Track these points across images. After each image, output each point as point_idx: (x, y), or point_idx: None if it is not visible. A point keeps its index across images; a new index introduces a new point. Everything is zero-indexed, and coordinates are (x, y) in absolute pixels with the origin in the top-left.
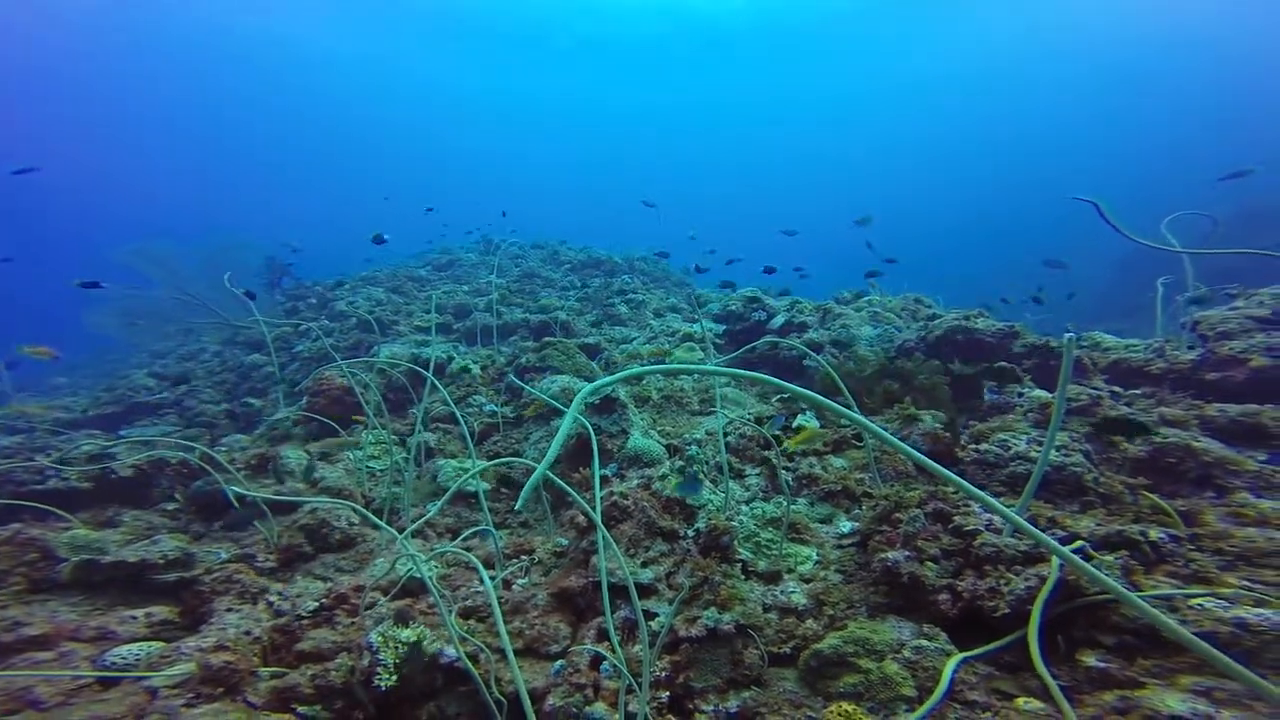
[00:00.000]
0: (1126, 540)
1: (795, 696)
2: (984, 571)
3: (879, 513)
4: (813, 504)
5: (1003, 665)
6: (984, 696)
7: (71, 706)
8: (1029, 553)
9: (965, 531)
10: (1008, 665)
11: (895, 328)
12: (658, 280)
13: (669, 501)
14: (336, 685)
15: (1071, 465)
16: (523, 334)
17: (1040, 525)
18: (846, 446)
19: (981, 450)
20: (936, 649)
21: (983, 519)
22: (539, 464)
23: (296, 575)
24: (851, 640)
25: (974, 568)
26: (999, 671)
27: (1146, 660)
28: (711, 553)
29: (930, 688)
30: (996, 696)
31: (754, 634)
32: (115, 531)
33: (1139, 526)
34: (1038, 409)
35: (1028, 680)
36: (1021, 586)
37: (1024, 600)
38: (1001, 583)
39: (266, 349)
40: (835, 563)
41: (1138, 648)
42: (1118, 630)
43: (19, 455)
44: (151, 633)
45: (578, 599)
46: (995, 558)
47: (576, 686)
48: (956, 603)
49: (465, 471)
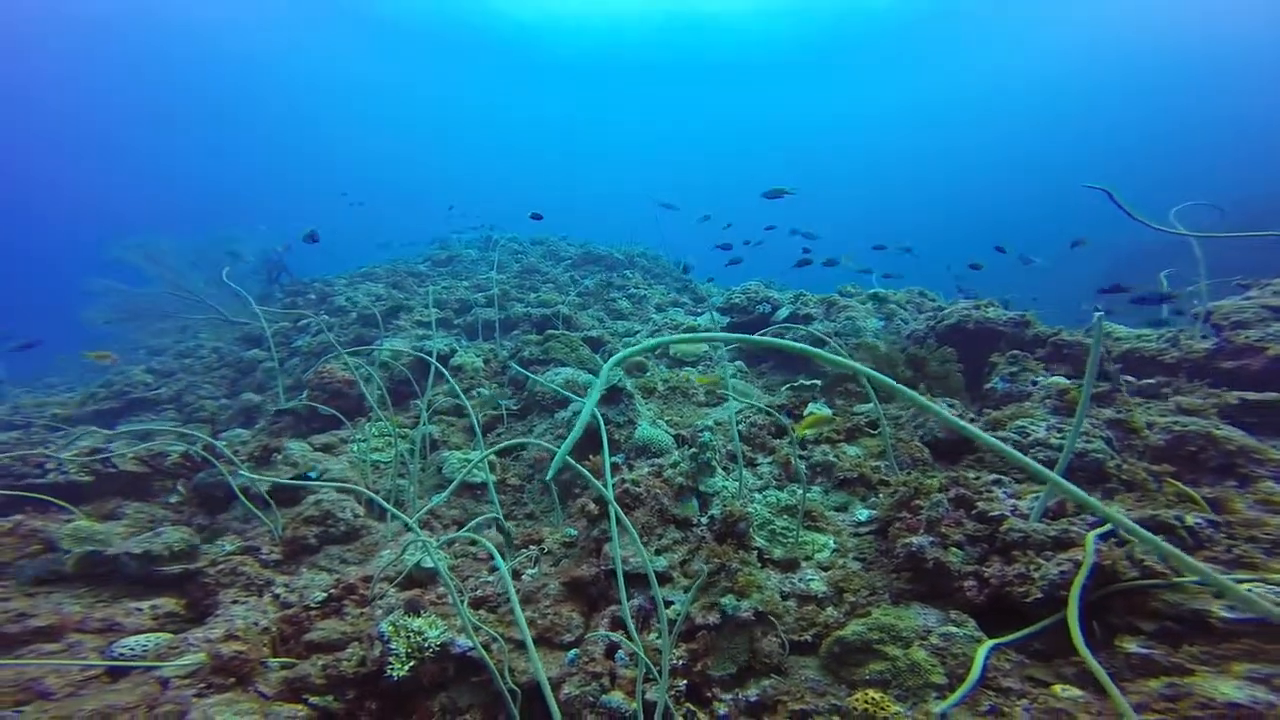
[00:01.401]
0: (1161, 525)
1: (818, 684)
2: (1012, 557)
3: (899, 499)
4: (827, 492)
5: (1033, 653)
6: (1019, 684)
7: (82, 697)
8: (1059, 538)
9: (990, 517)
10: (1039, 653)
11: (901, 319)
12: (658, 276)
13: (681, 489)
14: (348, 675)
15: (1094, 452)
16: (524, 328)
17: (1067, 511)
18: (860, 434)
19: (999, 437)
20: (965, 635)
21: (1007, 504)
22: (546, 453)
23: (301, 567)
24: (876, 627)
25: (1000, 553)
26: (1030, 659)
27: (1193, 647)
28: (727, 539)
29: (961, 675)
30: (1031, 684)
31: (774, 621)
32: (118, 524)
33: (1174, 511)
34: (1055, 395)
35: (1062, 667)
36: (1054, 572)
37: (1058, 585)
38: (1031, 568)
39: (266, 344)
40: (853, 550)
41: (1181, 634)
42: (1158, 616)
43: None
44: (157, 625)
45: (590, 588)
46: (1023, 543)
47: (593, 675)
48: (984, 589)
49: (470, 462)
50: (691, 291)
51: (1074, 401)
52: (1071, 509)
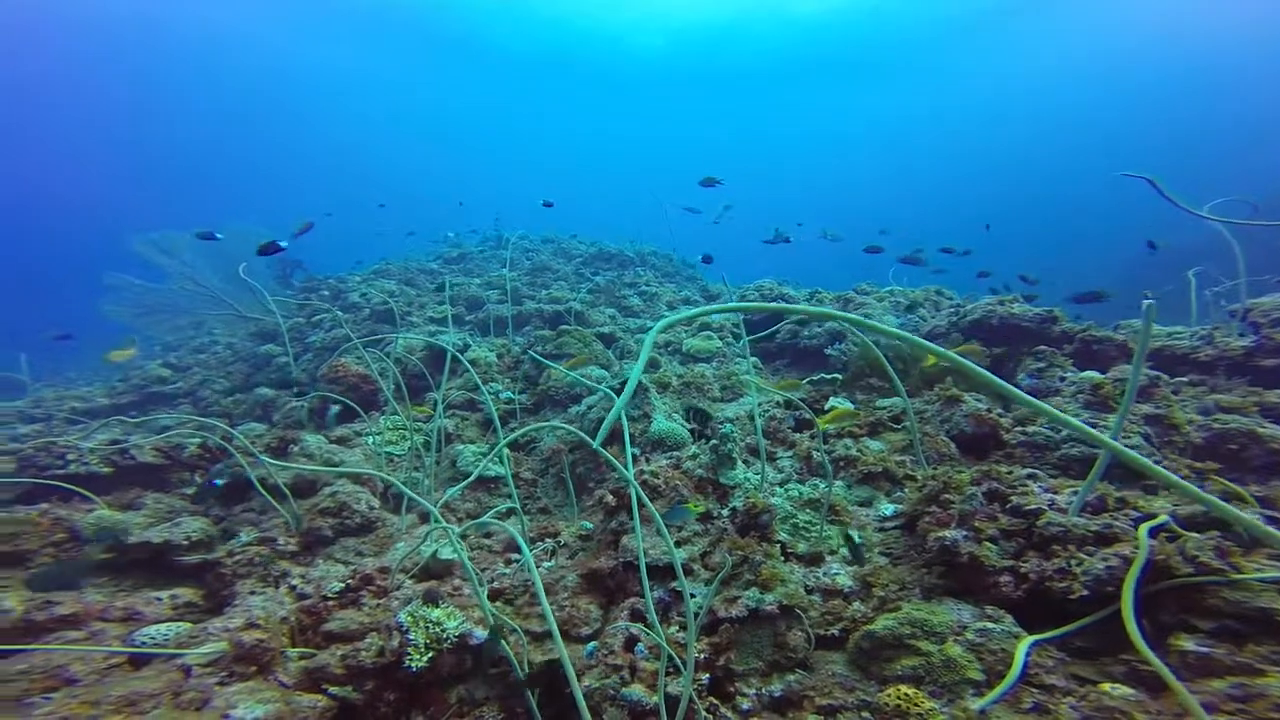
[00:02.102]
0: (1216, 520)
1: (846, 680)
2: (1051, 552)
3: (927, 493)
4: (850, 486)
5: (1075, 650)
6: (1063, 681)
7: (107, 684)
8: (1101, 533)
9: (1026, 511)
10: (1082, 650)
11: (919, 317)
12: (668, 275)
13: (701, 481)
14: (367, 665)
15: (1132, 447)
16: (536, 324)
17: (1109, 506)
18: (883, 429)
19: (1029, 433)
20: (1003, 631)
21: (1043, 498)
22: (563, 444)
23: (317, 559)
24: (908, 622)
25: (1038, 548)
26: (1073, 657)
27: (1259, 646)
28: (750, 532)
29: (1000, 672)
30: (1077, 682)
31: (800, 615)
32: (137, 514)
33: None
34: (1089, 390)
35: (1109, 666)
36: (1100, 567)
37: (1104, 581)
38: (1073, 563)
39: (281, 339)
40: (879, 545)
41: (1244, 633)
42: (1217, 614)
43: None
44: (176, 614)
45: (607, 580)
46: (1062, 538)
47: (613, 668)
48: (1020, 584)
49: (484, 456)
50: (704, 290)
51: (1109, 396)
52: (1112, 504)
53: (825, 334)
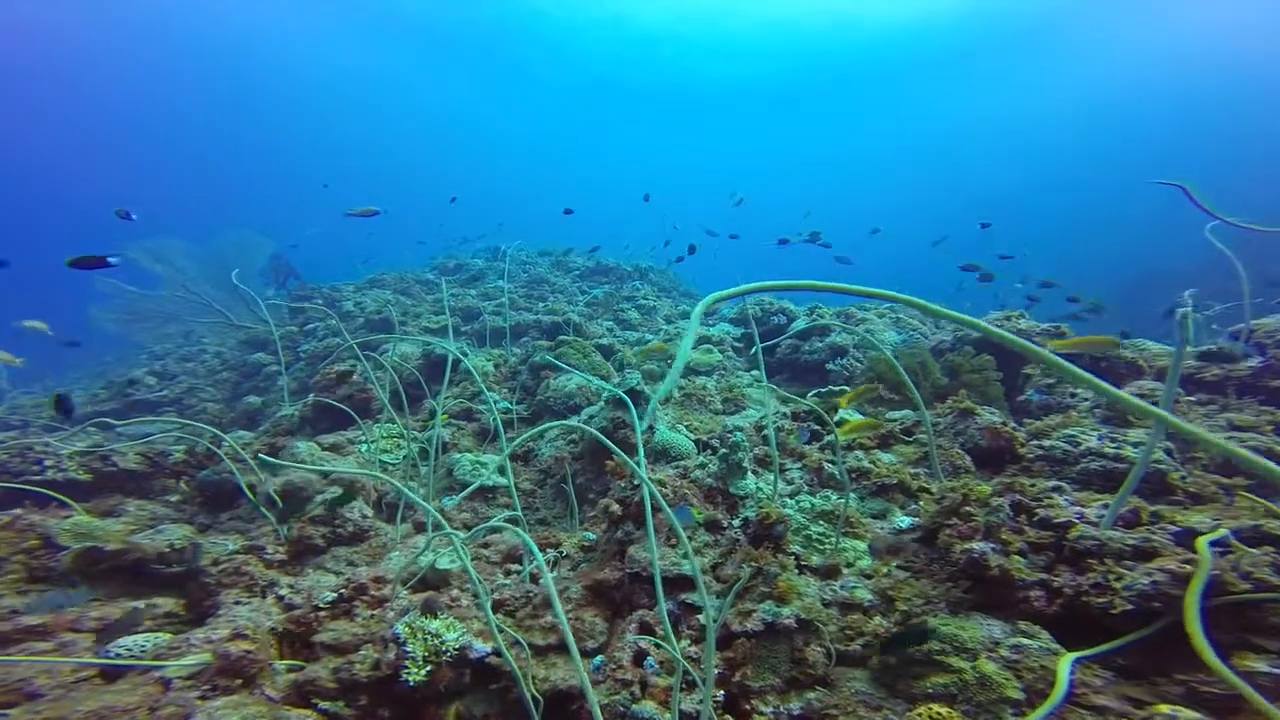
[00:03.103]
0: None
1: (870, 698)
2: (1085, 566)
3: (947, 505)
4: (863, 499)
5: (1119, 669)
6: (1115, 702)
7: (75, 698)
8: (1140, 547)
9: (1055, 524)
10: (1127, 670)
11: (920, 333)
12: (665, 290)
13: (711, 490)
14: (361, 679)
15: (1154, 461)
16: (534, 335)
17: (1143, 520)
18: (894, 442)
19: (1046, 446)
20: (1040, 648)
21: (1071, 511)
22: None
23: (307, 568)
24: (936, 637)
25: (1069, 562)
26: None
27: None
28: (763, 543)
29: (1040, 690)
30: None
31: (821, 629)
32: (118, 521)
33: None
34: (1106, 405)
35: (1163, 687)
36: (1145, 582)
37: (1150, 596)
38: (1111, 578)
39: (271, 348)
40: (897, 558)
41: None
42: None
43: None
44: (155, 625)
45: (613, 592)
46: (1097, 551)
47: (622, 683)
48: (1053, 599)
49: (481, 464)
50: None
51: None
52: (1146, 517)
53: (826, 349)
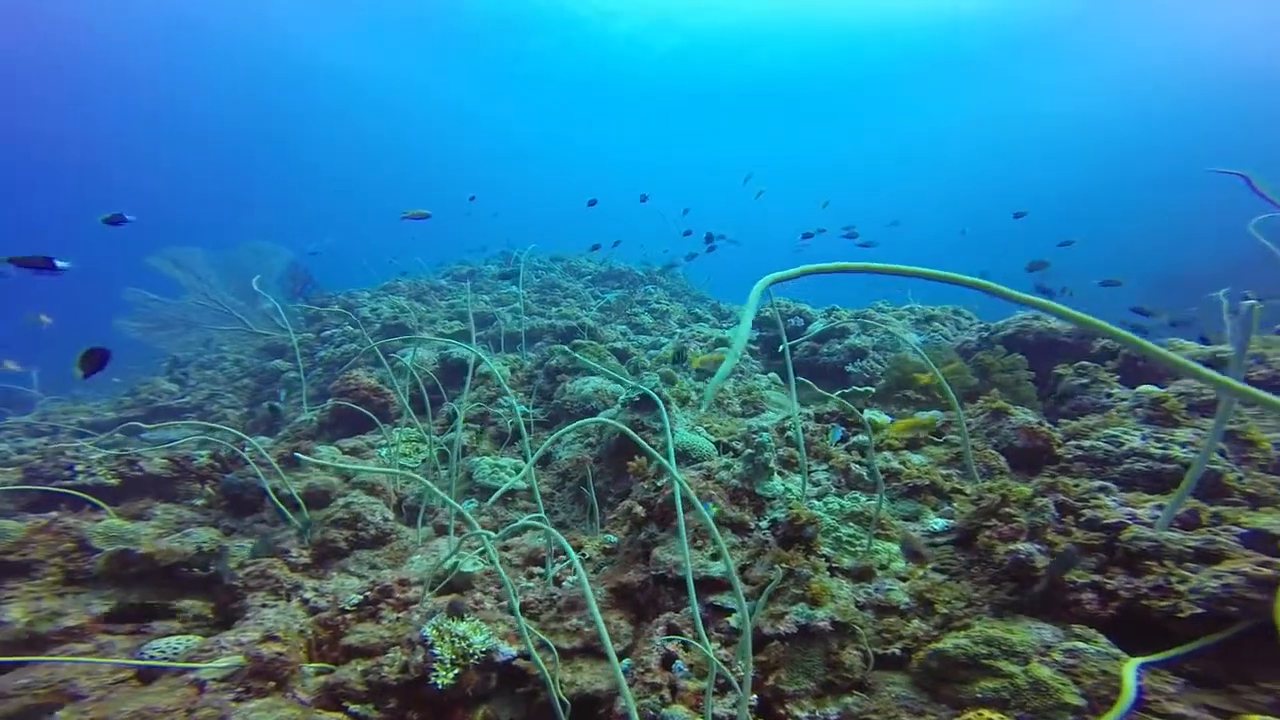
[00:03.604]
0: None
1: (912, 703)
2: (1141, 568)
3: (985, 506)
4: (893, 500)
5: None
6: (1194, 710)
7: (116, 699)
8: (1203, 549)
9: (1105, 524)
10: (1197, 676)
11: (941, 334)
12: (677, 295)
13: (736, 491)
14: (390, 682)
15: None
16: (548, 340)
17: (1203, 521)
18: (924, 443)
19: (1086, 447)
20: (1098, 652)
21: (1121, 512)
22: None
23: (331, 571)
24: (983, 640)
25: (1123, 564)
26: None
27: None
28: (793, 544)
29: (1103, 697)
30: (1210, 713)
31: (858, 631)
32: (147, 524)
33: None
34: (1148, 404)
35: (1245, 695)
36: (1215, 585)
37: (1223, 600)
38: (1173, 580)
39: (290, 355)
40: (933, 560)
41: None
42: None
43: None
44: (185, 628)
45: (637, 595)
46: (1154, 553)
47: (651, 687)
48: (1108, 602)
49: (500, 468)
50: (715, 308)
51: (1173, 411)
52: (1207, 519)
53: (845, 350)
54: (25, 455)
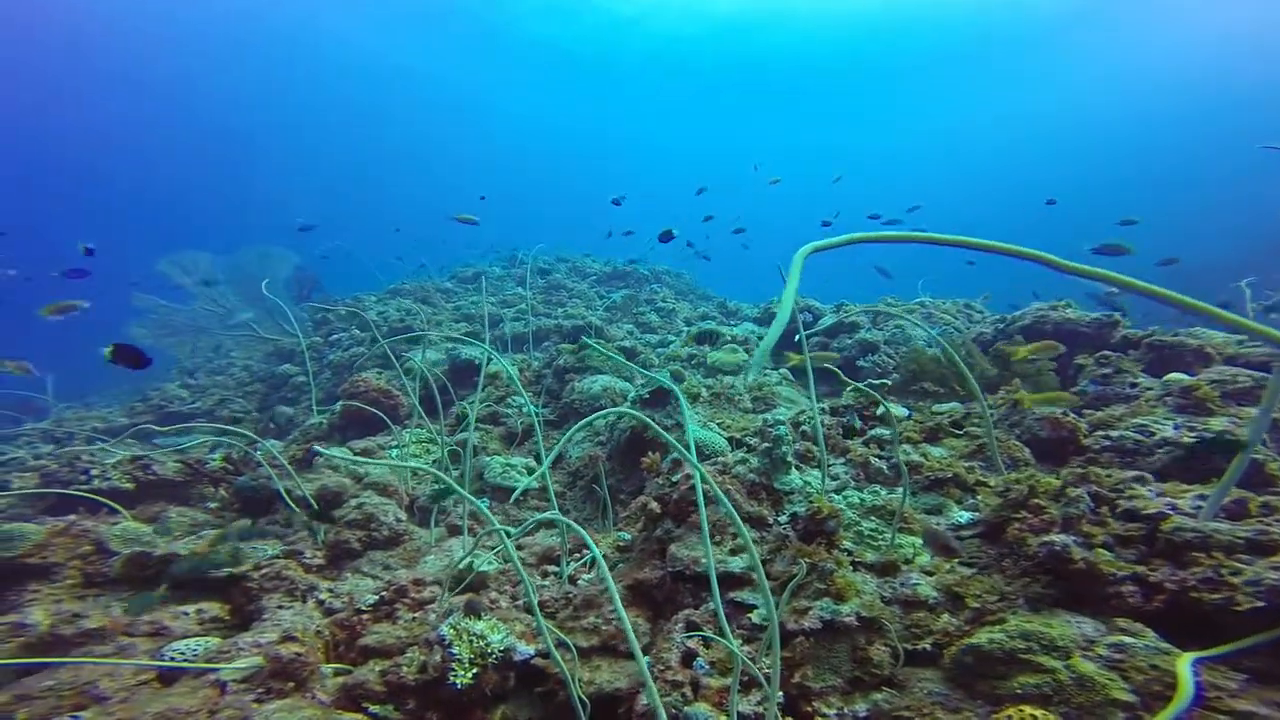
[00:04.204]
0: None
1: (946, 699)
2: (1188, 559)
3: (1013, 498)
4: (915, 494)
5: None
6: (1263, 708)
7: (140, 700)
8: (1254, 539)
9: (1144, 515)
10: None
11: (954, 328)
12: (682, 294)
13: (754, 486)
14: (409, 682)
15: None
16: (555, 340)
17: (1251, 511)
18: (944, 435)
19: (1114, 437)
20: (1147, 647)
21: (1161, 502)
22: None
23: (345, 573)
24: (1019, 635)
25: (1166, 556)
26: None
27: None
28: (815, 539)
29: (1156, 693)
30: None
31: (887, 626)
32: (162, 527)
33: None
34: (1178, 392)
35: None
36: (1276, 577)
37: None
38: (1225, 572)
39: (299, 359)
40: (964, 553)
41: None
42: None
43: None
44: (203, 630)
45: (654, 592)
46: (1201, 544)
47: (672, 684)
48: (1153, 595)
49: (511, 467)
50: (722, 306)
51: (1206, 399)
52: (1256, 509)
53: (855, 345)
54: (42, 460)
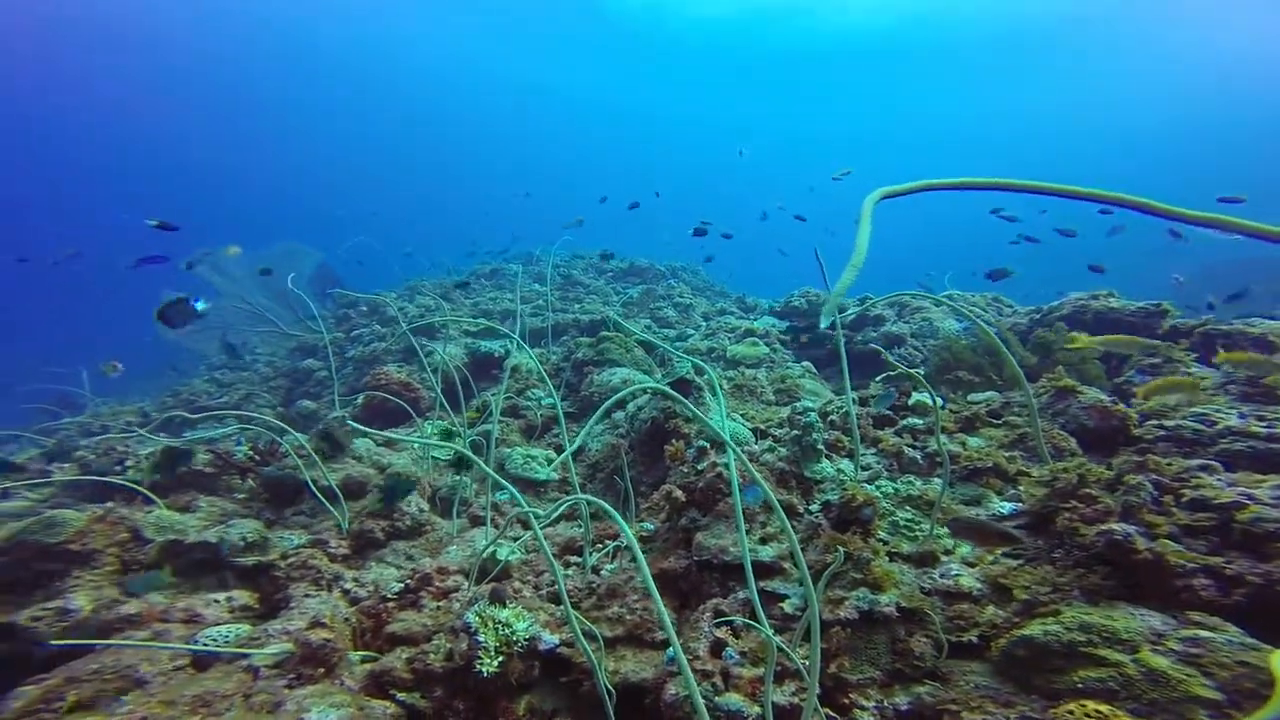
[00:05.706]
0: None
1: (996, 693)
2: (1268, 552)
3: (1061, 488)
4: (952, 484)
5: None
6: None
7: (178, 684)
8: None
9: (1215, 505)
10: None
11: (984, 320)
12: (699, 290)
13: (783, 474)
14: (436, 670)
15: None
16: (573, 334)
17: None
18: (980, 425)
19: (1170, 427)
20: (1231, 642)
21: (1234, 491)
22: (616, 444)
23: (369, 562)
24: (1079, 627)
25: (1242, 548)
26: None
27: None
28: (849, 527)
29: (1246, 691)
30: None
31: (930, 617)
32: (193, 516)
33: None
34: (1243, 380)
35: None
36: None
37: None
38: None
39: (321, 354)
40: (1016, 540)
41: None
42: None
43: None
44: (233, 617)
45: (679, 582)
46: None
47: (702, 674)
48: (1231, 588)
49: (532, 458)
50: (741, 301)
51: (1274, 385)
52: None
53: (881, 338)
54: (81, 451)
